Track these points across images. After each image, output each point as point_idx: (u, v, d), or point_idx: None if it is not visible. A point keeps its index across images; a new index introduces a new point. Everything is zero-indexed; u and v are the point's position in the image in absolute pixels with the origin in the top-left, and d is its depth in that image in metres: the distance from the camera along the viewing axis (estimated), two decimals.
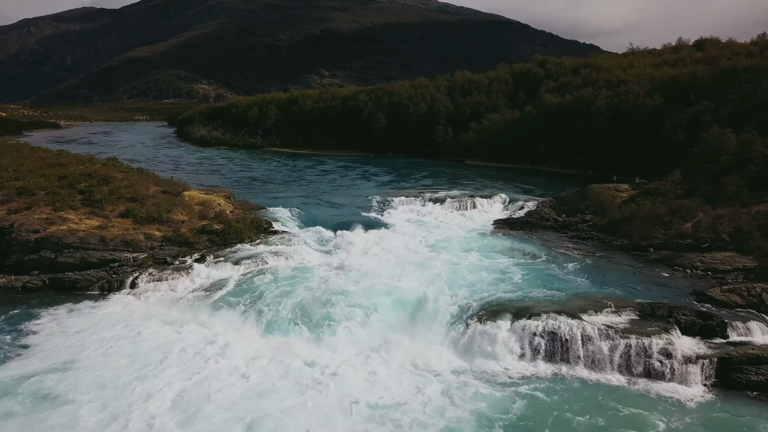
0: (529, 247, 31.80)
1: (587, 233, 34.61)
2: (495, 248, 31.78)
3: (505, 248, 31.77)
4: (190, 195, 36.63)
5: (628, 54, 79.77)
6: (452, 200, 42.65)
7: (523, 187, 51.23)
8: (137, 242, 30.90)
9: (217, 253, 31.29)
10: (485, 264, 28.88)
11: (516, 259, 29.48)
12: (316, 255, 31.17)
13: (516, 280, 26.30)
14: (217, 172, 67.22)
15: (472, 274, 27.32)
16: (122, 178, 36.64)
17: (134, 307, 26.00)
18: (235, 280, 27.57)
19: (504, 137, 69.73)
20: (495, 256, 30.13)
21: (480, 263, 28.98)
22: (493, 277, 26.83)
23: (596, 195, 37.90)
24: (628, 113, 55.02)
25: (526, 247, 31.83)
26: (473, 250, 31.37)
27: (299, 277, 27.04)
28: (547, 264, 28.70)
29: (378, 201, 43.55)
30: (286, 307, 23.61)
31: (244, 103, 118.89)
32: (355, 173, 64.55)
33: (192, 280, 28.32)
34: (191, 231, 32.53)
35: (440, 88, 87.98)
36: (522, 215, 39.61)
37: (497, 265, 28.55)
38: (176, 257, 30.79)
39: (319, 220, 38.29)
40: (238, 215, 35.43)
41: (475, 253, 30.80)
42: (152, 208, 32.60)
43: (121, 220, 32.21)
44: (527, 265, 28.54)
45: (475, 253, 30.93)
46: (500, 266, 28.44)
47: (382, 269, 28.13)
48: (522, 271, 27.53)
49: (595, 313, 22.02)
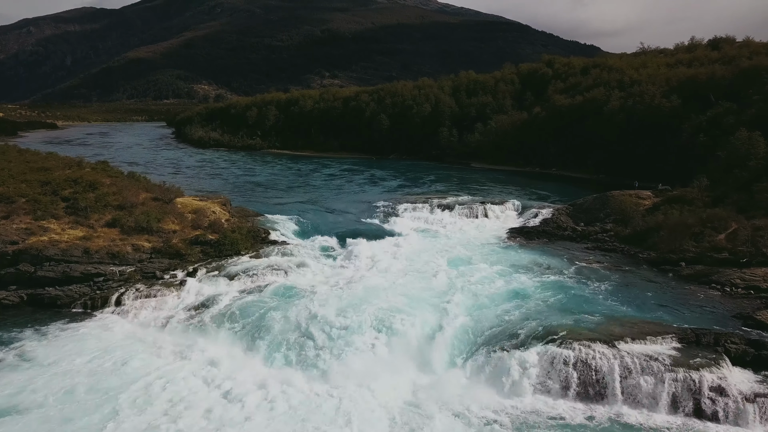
0: (549, 260, 29.40)
1: (609, 244, 32.20)
2: (512, 261, 29.37)
3: (522, 261, 29.36)
4: (183, 202, 34.22)
5: (639, 54, 77.46)
6: (462, 207, 40.26)
7: (534, 192, 48.87)
8: (124, 254, 28.49)
9: (210, 267, 28.89)
10: (503, 280, 26.46)
11: (536, 275, 27.07)
12: (317, 270, 28.75)
13: (538, 299, 23.90)
14: (213, 175, 64.83)
15: (489, 292, 24.93)
16: (110, 183, 34.23)
17: (118, 329, 23.55)
18: (230, 299, 25.12)
19: (511, 139, 67.37)
20: (512, 271, 27.72)
21: (497, 279, 26.56)
22: (512, 296, 24.44)
23: (617, 202, 35.50)
24: (644, 115, 52.66)
25: (545, 260, 29.44)
26: (488, 264, 28.97)
27: (299, 296, 24.59)
28: (570, 280, 26.29)
29: (383, 207, 41.17)
30: (286, 332, 21.20)
31: (243, 104, 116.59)
32: (357, 176, 62.18)
33: (182, 297, 25.91)
34: (183, 242, 30.12)
35: (444, 89, 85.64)
36: (537, 224, 37.21)
37: (516, 281, 26.15)
38: (166, 271, 28.36)
39: (320, 228, 35.88)
40: (234, 224, 33.02)
41: (490, 267, 28.39)
42: (141, 217, 30.20)
43: (108, 230, 29.80)
44: (548, 281, 26.13)
45: (491, 266, 28.53)
46: (519, 282, 26.04)
47: (389, 287, 25.68)
48: (543, 288, 25.14)
49: (632, 340, 19.58)
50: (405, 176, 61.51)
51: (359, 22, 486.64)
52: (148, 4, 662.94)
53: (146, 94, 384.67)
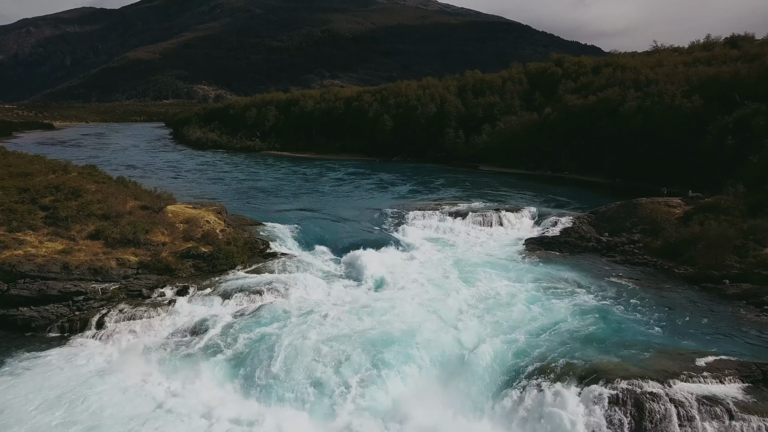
0: (575, 276, 26.70)
1: (639, 257, 29.48)
2: (534, 277, 26.67)
3: (545, 277, 26.66)
4: (174, 211, 31.52)
5: (652, 52, 74.74)
6: (474, 214, 37.57)
7: (548, 197, 46.17)
8: (108, 270, 25.79)
9: (203, 283, 26.20)
10: (527, 300, 23.76)
11: (563, 293, 24.35)
12: (321, 286, 26.03)
13: (569, 324, 21.18)
14: (209, 178, 62.09)
15: (512, 314, 22.25)
16: (95, 190, 31.54)
17: (96, 358, 20.87)
18: (224, 322, 22.41)
19: (521, 141, 64.67)
20: (536, 289, 25.03)
21: (520, 299, 23.85)
22: (540, 318, 21.74)
23: (646, 211, 32.79)
24: (663, 116, 49.95)
25: (570, 275, 26.74)
26: (509, 280, 26.30)
27: (301, 319, 21.91)
28: (602, 300, 23.56)
29: (390, 215, 38.46)
30: (286, 366, 18.48)
31: (242, 104, 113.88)
32: (361, 180, 59.48)
33: (171, 320, 23.23)
34: (173, 255, 27.43)
35: (450, 89, 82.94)
36: (557, 233, 34.49)
37: (542, 302, 23.43)
38: (154, 288, 25.66)
39: (323, 238, 33.19)
40: (230, 235, 30.33)
41: (511, 284, 25.74)
42: (127, 228, 27.50)
43: (90, 243, 27.11)
44: (578, 301, 23.40)
45: (512, 283, 25.87)
46: (545, 302, 23.34)
47: (402, 306, 23.01)
48: (574, 310, 22.42)
49: (688, 378, 16.85)
50: (411, 180, 58.79)
51: (359, 23, 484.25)
52: (148, 5, 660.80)
53: (146, 95, 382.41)
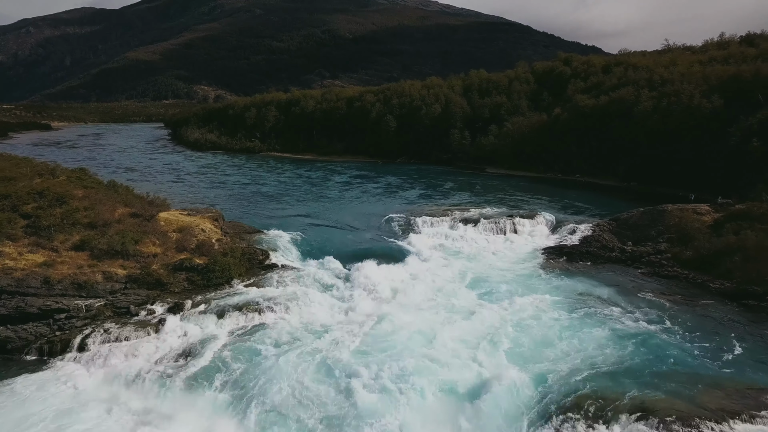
0: (603, 291, 24.51)
1: (668, 269, 27.30)
2: (557, 292, 24.51)
3: (571, 292, 24.49)
4: (167, 218, 29.34)
5: (664, 51, 72.58)
6: (487, 221, 35.37)
7: (563, 201, 43.95)
8: (93, 285, 23.62)
9: (196, 299, 24.04)
10: (553, 318, 21.60)
11: (592, 312, 22.16)
12: (324, 303, 23.87)
13: (605, 348, 19.04)
14: (206, 181, 59.89)
15: (539, 337, 20.08)
16: (83, 196, 29.35)
17: (76, 385, 18.71)
18: (219, 345, 20.28)
19: (530, 143, 62.46)
20: (561, 306, 22.85)
21: (546, 318, 21.68)
22: (571, 343, 19.57)
23: (673, 219, 30.60)
24: (681, 117, 47.75)
25: (598, 291, 24.56)
26: (529, 294, 24.14)
27: (304, 343, 19.78)
28: (637, 320, 21.39)
29: (397, 221, 36.27)
30: (287, 401, 16.32)
31: (241, 104, 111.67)
32: (365, 183, 57.30)
33: (160, 341, 21.05)
34: (165, 268, 25.26)
35: (455, 88, 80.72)
36: (576, 242, 32.32)
37: (570, 321, 21.29)
38: (143, 305, 23.50)
39: (327, 247, 31.02)
40: (227, 244, 28.15)
41: (532, 299, 23.56)
42: (115, 238, 25.34)
43: (75, 254, 24.95)
44: (611, 321, 21.22)
45: (533, 298, 23.70)
46: (574, 322, 21.18)
47: (414, 327, 20.87)
48: (607, 332, 20.24)
49: (750, 418, 14.73)
50: (417, 183, 56.58)
51: (360, 23, 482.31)
52: (148, 5, 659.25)
53: (145, 95, 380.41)
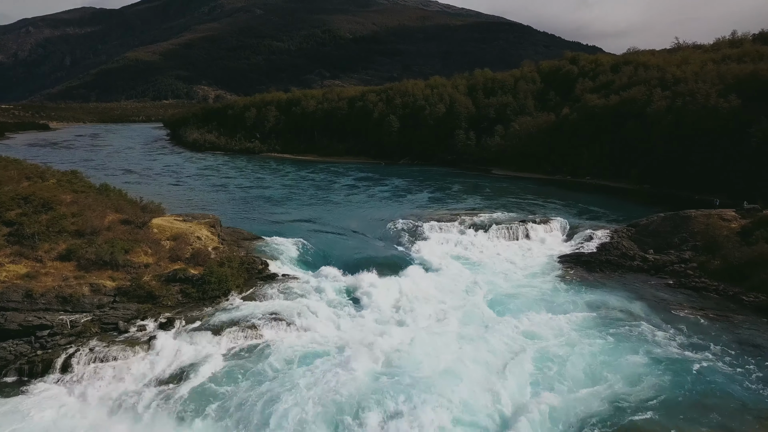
0: (629, 305, 22.74)
1: (695, 280, 25.54)
2: (583, 307, 22.74)
3: (595, 306, 22.71)
4: (161, 225, 27.59)
5: (674, 49, 70.84)
6: (498, 227, 33.61)
7: (576, 205, 42.20)
8: (79, 298, 21.86)
9: (191, 314, 22.29)
10: (581, 338, 19.81)
11: (622, 331, 20.29)
12: (328, 318, 22.13)
13: (641, 373, 17.25)
14: (204, 183, 58.15)
15: (566, 361, 18.23)
16: (71, 201, 27.61)
17: (56, 413, 16.96)
18: (213, 367, 18.55)
19: (538, 144, 60.71)
20: (589, 324, 21.04)
21: (572, 337, 19.90)
22: (603, 366, 17.76)
23: (698, 225, 28.84)
24: (697, 117, 45.99)
25: (623, 305, 22.78)
26: (552, 311, 22.35)
27: (307, 365, 18.01)
28: (671, 339, 19.60)
29: (404, 227, 34.49)
30: None
31: (241, 104, 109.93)
32: (368, 185, 55.55)
33: (150, 362, 19.32)
34: (157, 279, 23.50)
35: (459, 88, 78.96)
36: (594, 250, 30.55)
37: (599, 341, 19.46)
38: (133, 320, 21.74)
39: (330, 256, 29.27)
40: (224, 253, 26.40)
41: (556, 317, 21.71)
42: (104, 247, 23.59)
43: (60, 265, 23.19)
44: (643, 341, 19.39)
45: (557, 315, 21.85)
46: (604, 342, 19.36)
47: (425, 350, 19.03)
48: (639, 356, 18.33)
49: None
50: (423, 185, 54.79)
51: (360, 23, 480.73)
52: (148, 5, 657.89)
53: (145, 95, 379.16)
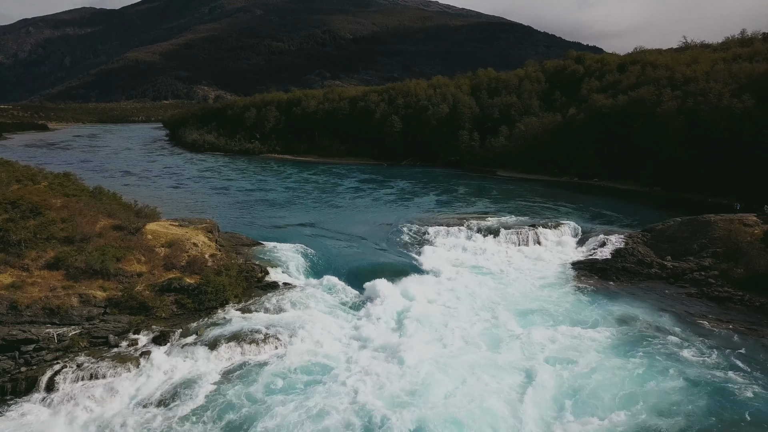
0: (653, 318, 21.45)
1: (718, 289, 24.24)
2: (604, 319, 21.43)
3: (616, 319, 21.40)
4: (155, 231, 26.29)
5: (682, 48, 69.53)
6: (507, 231, 32.31)
7: (587, 208, 40.88)
8: (67, 310, 20.62)
9: (186, 326, 21.02)
10: (606, 355, 18.48)
11: (648, 349, 18.79)
12: (332, 332, 20.87)
13: (675, 404, 15.79)
14: (201, 185, 56.87)
15: (593, 382, 16.91)
16: (61, 206, 26.33)
17: None
18: (208, 387, 17.30)
19: (543, 145, 59.40)
20: (614, 339, 19.67)
21: (595, 355, 18.57)
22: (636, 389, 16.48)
23: (719, 231, 27.55)
24: (710, 118, 44.68)
25: (648, 317, 21.48)
26: (572, 324, 21.07)
27: (311, 388, 16.73)
28: (699, 356, 18.29)
29: (409, 231, 33.21)
30: None
31: (241, 104, 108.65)
32: (371, 187, 54.25)
33: (143, 380, 18.06)
34: (151, 289, 22.23)
35: (462, 88, 77.66)
36: (608, 255, 29.25)
37: (624, 362, 18.01)
38: (124, 334, 20.47)
39: (333, 263, 27.97)
40: (222, 260, 25.11)
41: (578, 331, 20.34)
42: (94, 255, 22.31)
43: (48, 274, 21.93)
44: (671, 360, 18.03)
45: (578, 329, 20.51)
46: (630, 364, 17.94)
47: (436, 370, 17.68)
48: (672, 379, 16.95)
49: None
50: (426, 187, 53.50)
51: (360, 23, 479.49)
52: (148, 5, 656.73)
53: (145, 95, 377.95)
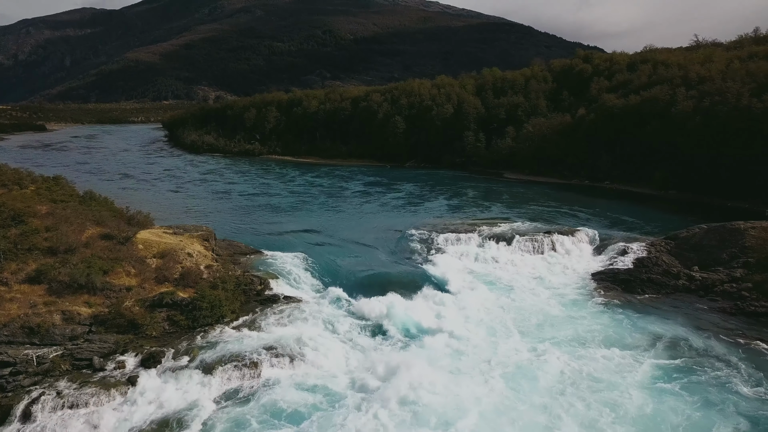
0: (685, 336, 19.71)
1: (754, 303, 22.45)
2: (633, 340, 19.63)
3: (651, 340, 19.62)
4: (148, 239, 24.50)
5: (693, 47, 67.74)
6: (521, 238, 30.50)
7: (603, 214, 39.05)
8: (48, 329, 18.87)
9: (179, 346, 19.26)
10: (643, 390, 16.54)
11: (697, 378, 16.97)
12: (338, 353, 19.12)
13: None
14: (197, 188, 55.11)
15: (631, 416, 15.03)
16: (46, 213, 24.57)
17: None
18: (203, 417, 15.50)
19: (553, 146, 57.61)
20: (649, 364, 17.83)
21: (632, 384, 16.72)
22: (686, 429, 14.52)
23: (751, 240, 25.72)
24: (728, 118, 42.87)
25: (680, 336, 19.71)
26: (598, 345, 19.27)
27: (315, 414, 14.95)
28: (748, 382, 16.51)
29: (418, 239, 31.40)
30: None
31: (240, 105, 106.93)
32: (375, 190, 52.46)
33: (129, 411, 16.31)
34: (141, 305, 20.46)
35: (467, 88, 75.87)
36: (630, 265, 27.41)
37: (673, 396, 16.12)
38: (111, 355, 18.72)
39: (338, 273, 26.21)
40: (218, 272, 23.31)
41: (606, 353, 18.52)
42: (79, 268, 20.54)
43: (29, 289, 20.18)
44: (725, 393, 16.16)
45: (606, 351, 18.68)
46: (672, 389, 16.26)
47: (450, 401, 15.90)
48: (722, 412, 15.14)
49: None
50: (432, 190, 51.70)
51: (361, 24, 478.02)
52: (149, 6, 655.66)
53: (145, 96, 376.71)
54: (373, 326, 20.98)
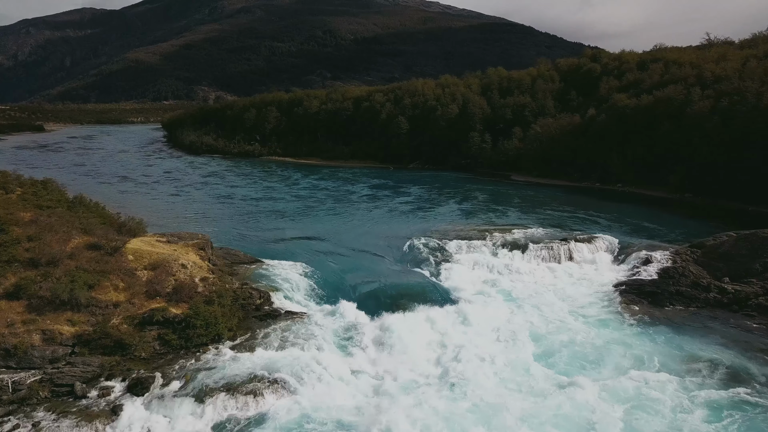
0: (725, 357, 17.93)
1: None
2: (670, 363, 17.87)
3: (688, 360, 17.93)
4: (139, 249, 22.73)
5: (705, 46, 65.94)
6: (536, 246, 28.78)
7: (622, 220, 37.13)
8: (26, 350, 17.15)
9: (170, 370, 17.51)
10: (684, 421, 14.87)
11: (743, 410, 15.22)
12: (345, 379, 17.41)
13: None
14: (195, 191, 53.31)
15: None
16: (30, 220, 22.83)
17: None
18: None
19: (562, 147, 55.81)
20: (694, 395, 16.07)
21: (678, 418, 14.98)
22: None
23: None
24: (748, 119, 41.12)
25: (719, 357, 17.98)
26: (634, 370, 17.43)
27: None
28: None
29: (426, 246, 29.62)
30: None
31: (240, 105, 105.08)
32: (379, 194, 50.65)
33: None
34: (129, 323, 18.72)
35: (472, 87, 74.08)
36: (654, 275, 25.67)
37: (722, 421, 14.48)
38: (95, 380, 17.01)
39: (343, 285, 24.46)
40: (214, 285, 21.56)
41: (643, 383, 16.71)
42: (62, 282, 18.81)
43: (6, 305, 18.43)
44: None
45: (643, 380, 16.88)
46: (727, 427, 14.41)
47: None
48: None
49: None
50: (439, 194, 49.90)
51: (361, 24, 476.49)
52: (149, 6, 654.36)
53: (145, 96, 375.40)
54: (383, 349, 19.17)
